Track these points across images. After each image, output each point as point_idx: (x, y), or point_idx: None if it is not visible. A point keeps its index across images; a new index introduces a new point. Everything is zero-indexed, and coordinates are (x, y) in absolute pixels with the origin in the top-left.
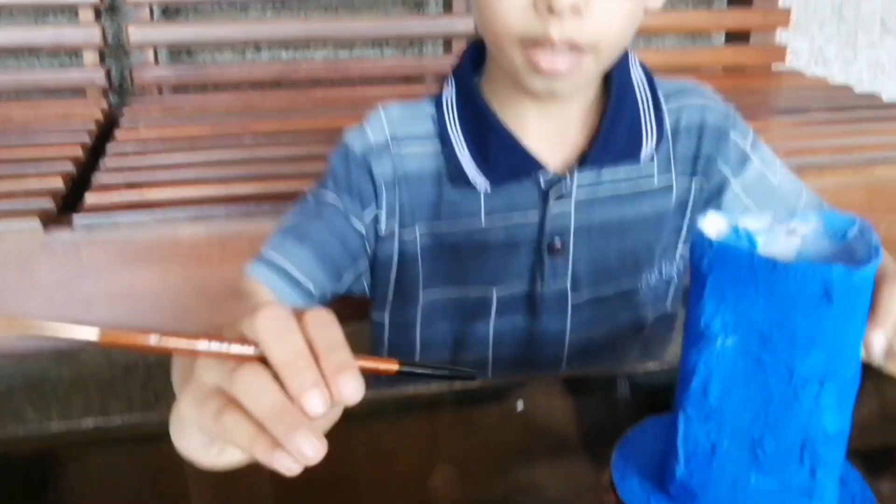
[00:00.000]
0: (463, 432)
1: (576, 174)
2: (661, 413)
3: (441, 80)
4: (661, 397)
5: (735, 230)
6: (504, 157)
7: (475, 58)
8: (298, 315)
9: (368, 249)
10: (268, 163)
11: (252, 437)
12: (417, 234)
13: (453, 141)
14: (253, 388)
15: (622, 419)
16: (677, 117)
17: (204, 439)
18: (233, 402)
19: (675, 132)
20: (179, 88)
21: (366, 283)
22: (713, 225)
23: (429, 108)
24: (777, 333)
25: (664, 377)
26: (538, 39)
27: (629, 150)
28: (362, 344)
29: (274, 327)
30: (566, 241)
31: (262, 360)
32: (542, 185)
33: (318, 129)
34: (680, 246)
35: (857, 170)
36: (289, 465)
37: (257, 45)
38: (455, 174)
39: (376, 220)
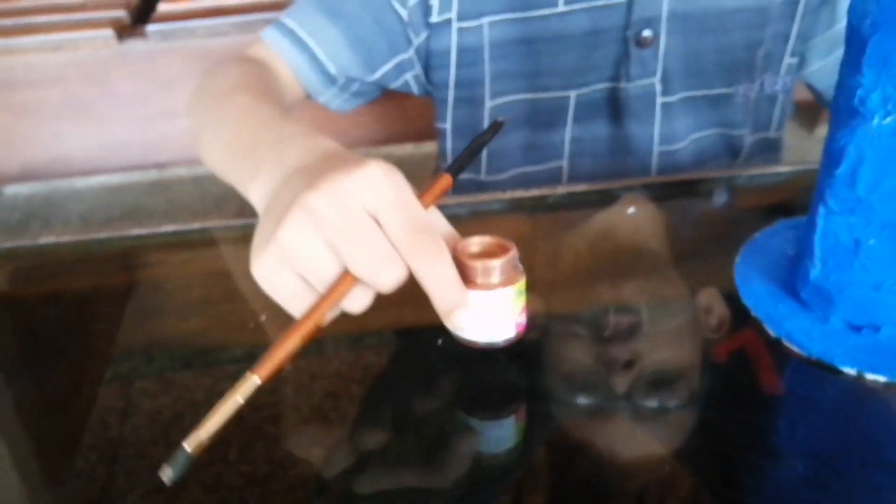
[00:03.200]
0: (573, 236)
1: None
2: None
3: None
4: (792, 203)
5: None
6: None
7: None
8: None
9: (413, 40)
10: None
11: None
12: (485, 23)
13: None
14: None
15: (746, 225)
16: None
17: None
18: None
19: None
20: None
21: (416, 85)
22: None
23: None
24: None
25: (797, 180)
26: None
27: None
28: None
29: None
30: (657, 31)
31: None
32: None
33: None
34: (786, 57)
35: None
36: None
37: None
38: None
39: (426, 3)
